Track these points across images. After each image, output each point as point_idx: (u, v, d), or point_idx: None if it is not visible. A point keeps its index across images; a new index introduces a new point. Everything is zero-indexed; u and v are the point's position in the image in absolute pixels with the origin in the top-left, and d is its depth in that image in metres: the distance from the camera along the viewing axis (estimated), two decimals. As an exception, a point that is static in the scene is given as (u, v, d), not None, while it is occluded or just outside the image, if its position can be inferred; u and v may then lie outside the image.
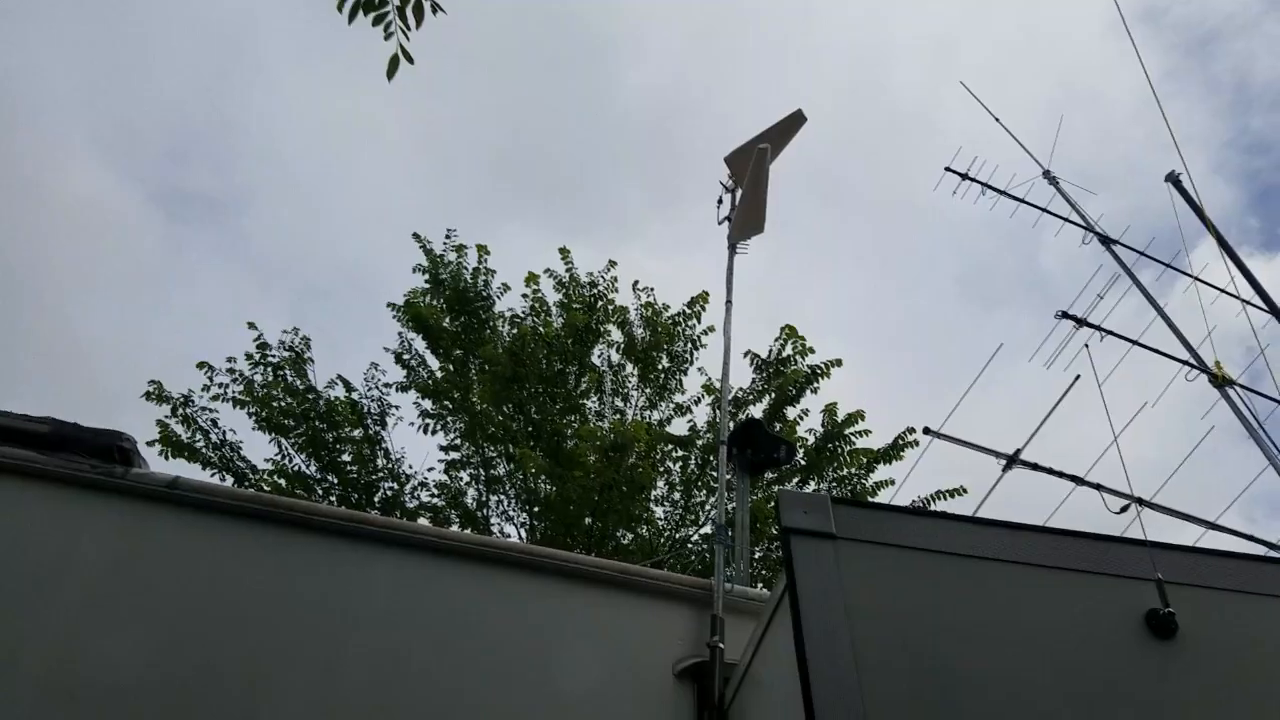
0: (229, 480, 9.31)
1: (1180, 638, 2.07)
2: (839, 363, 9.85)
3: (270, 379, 9.76)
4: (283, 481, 9.48)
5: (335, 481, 9.72)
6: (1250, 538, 4.99)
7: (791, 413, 9.88)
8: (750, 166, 4.80)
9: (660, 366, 10.39)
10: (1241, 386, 5.25)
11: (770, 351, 10.04)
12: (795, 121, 5.04)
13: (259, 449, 10.00)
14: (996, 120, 6.82)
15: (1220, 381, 5.19)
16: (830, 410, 9.75)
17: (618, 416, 9.95)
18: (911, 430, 9.53)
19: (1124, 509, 4.76)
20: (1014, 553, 2.25)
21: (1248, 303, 5.63)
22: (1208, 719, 2.03)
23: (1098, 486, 4.88)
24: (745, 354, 10.03)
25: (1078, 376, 4.98)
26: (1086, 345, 5.26)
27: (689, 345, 10.41)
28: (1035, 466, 5.04)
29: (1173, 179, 5.94)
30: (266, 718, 3.04)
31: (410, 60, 2.91)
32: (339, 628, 3.28)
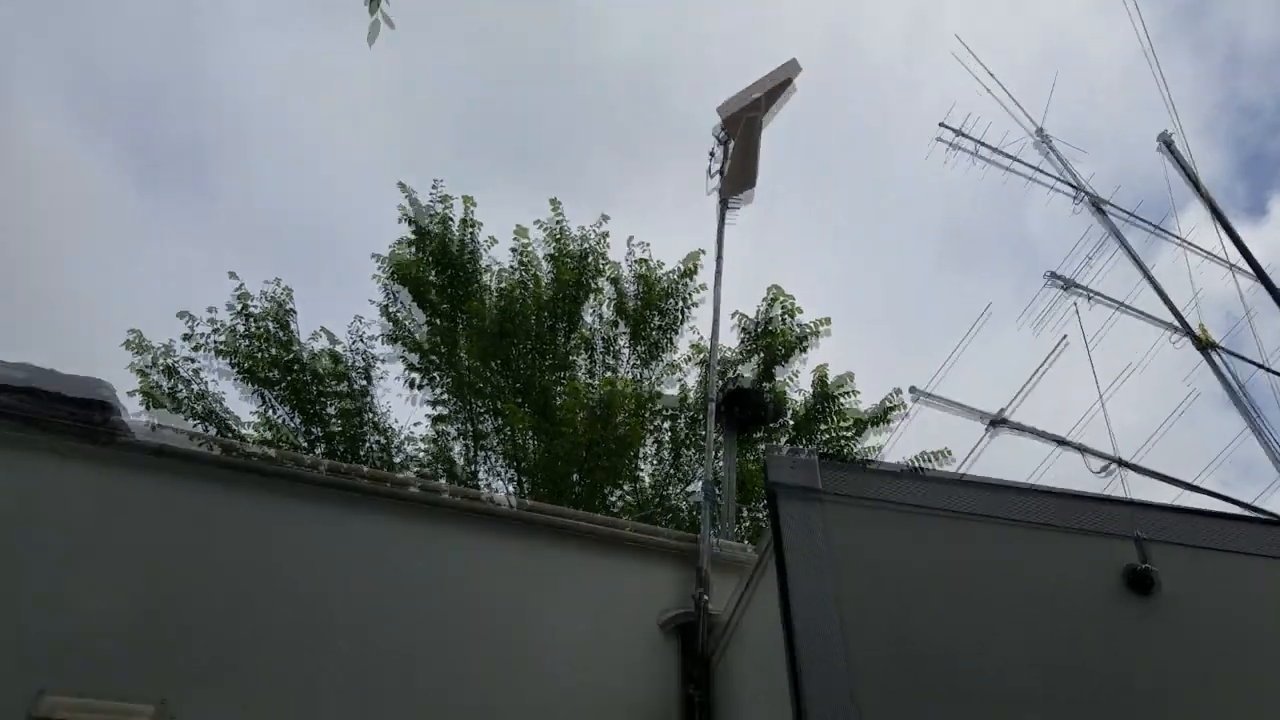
0: (211, 430, 9.24)
1: (1159, 592, 2.11)
2: (828, 321, 9.84)
3: (252, 329, 9.64)
4: (269, 434, 9.42)
5: (320, 434, 9.67)
6: (1226, 498, 5.07)
7: (781, 376, 9.88)
8: (743, 120, 4.73)
9: (652, 325, 10.33)
10: (1225, 350, 5.29)
11: (758, 312, 10.01)
12: (790, 71, 4.94)
13: (242, 404, 9.91)
14: (991, 75, 6.76)
15: (1204, 345, 5.23)
16: (820, 372, 9.75)
17: (609, 374, 9.92)
18: (899, 392, 9.53)
19: (1104, 469, 4.82)
20: (997, 510, 2.27)
21: (1235, 267, 5.65)
22: (1184, 669, 2.07)
23: (1080, 448, 4.93)
24: (733, 315, 10.00)
25: (1064, 337, 5.01)
26: (1075, 304, 5.28)
27: (681, 303, 10.35)
28: (1020, 428, 5.08)
29: (1164, 140, 5.92)
30: (252, 671, 3.05)
31: (391, 25, 2.88)
32: (327, 582, 3.28)
